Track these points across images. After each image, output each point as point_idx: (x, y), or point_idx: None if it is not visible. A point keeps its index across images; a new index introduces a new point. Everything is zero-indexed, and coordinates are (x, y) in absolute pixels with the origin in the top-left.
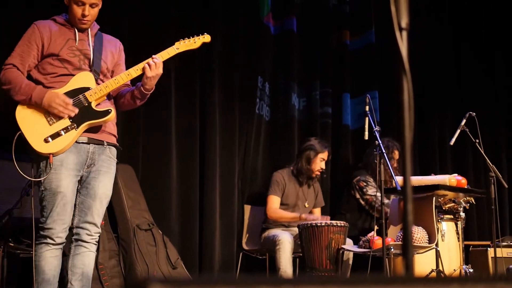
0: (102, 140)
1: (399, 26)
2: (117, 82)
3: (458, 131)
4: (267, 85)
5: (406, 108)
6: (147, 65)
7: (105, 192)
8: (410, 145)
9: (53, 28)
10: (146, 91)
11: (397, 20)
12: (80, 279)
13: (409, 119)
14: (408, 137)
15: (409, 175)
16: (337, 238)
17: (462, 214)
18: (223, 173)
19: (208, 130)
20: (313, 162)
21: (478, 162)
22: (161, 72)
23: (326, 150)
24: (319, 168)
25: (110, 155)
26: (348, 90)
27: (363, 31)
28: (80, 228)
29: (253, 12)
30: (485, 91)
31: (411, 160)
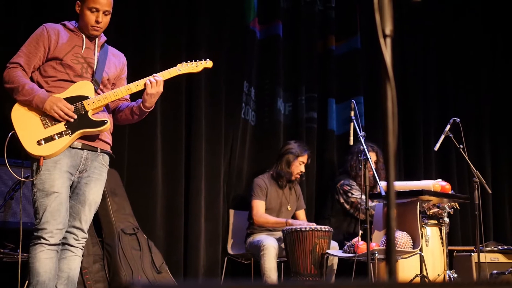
0: (96, 147)
1: (383, 33)
2: (116, 95)
3: (443, 136)
4: (253, 90)
5: (390, 114)
6: (149, 82)
7: (95, 199)
8: (394, 151)
9: (61, 33)
10: (146, 109)
11: (382, 27)
12: (65, 283)
13: (393, 125)
14: (392, 144)
15: (392, 181)
16: (321, 243)
17: (446, 219)
18: (208, 177)
19: (193, 135)
20: (293, 165)
21: (462, 168)
22: (161, 90)
23: (305, 153)
24: (299, 171)
25: (103, 162)
26: (334, 95)
27: (348, 36)
28: (68, 232)
29: (239, 17)
30: (469, 97)
31: (395, 166)
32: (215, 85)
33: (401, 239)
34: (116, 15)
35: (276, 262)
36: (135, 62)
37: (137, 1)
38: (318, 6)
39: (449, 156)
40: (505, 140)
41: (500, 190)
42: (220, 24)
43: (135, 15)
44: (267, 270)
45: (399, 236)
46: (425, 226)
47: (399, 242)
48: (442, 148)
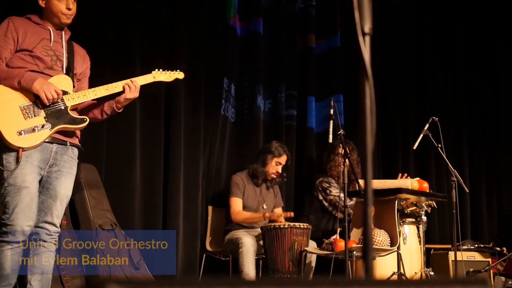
0: (66, 141)
1: (362, 31)
2: (95, 94)
3: (421, 135)
4: (233, 87)
5: (367, 113)
6: (128, 86)
7: (66, 192)
8: (371, 149)
9: (28, 25)
10: (118, 110)
11: (361, 25)
12: (39, 279)
13: (370, 124)
14: (370, 142)
15: (369, 179)
16: (300, 240)
17: (424, 217)
18: (187, 174)
19: (172, 131)
20: (268, 165)
21: (440, 167)
22: (137, 96)
23: (283, 155)
24: (274, 171)
25: (72, 156)
26: (313, 93)
27: (328, 35)
28: (40, 228)
29: (220, 14)
30: (447, 96)
31: (372, 164)
32: (195, 81)
33: (379, 237)
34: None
35: (254, 260)
36: (115, 59)
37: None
38: (298, 4)
39: (427, 154)
40: (483, 139)
41: (478, 189)
42: (200, 20)
43: (114, 13)
44: (245, 267)
45: (377, 234)
46: (403, 224)
47: (377, 240)
48: (421, 147)
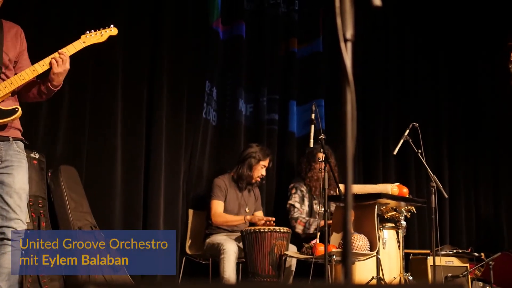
0: (8, 136)
1: (344, 37)
2: (22, 79)
3: (401, 141)
4: (215, 90)
5: (349, 118)
6: (54, 60)
7: (22, 186)
8: (352, 155)
9: None
10: (54, 88)
11: (343, 31)
12: (7, 279)
13: (352, 129)
14: (350, 147)
15: (350, 185)
16: (280, 244)
17: (403, 222)
18: (168, 176)
19: (154, 133)
20: (255, 169)
21: (420, 172)
22: (68, 68)
23: (267, 158)
24: (260, 174)
25: (18, 149)
26: (295, 98)
27: (310, 39)
28: (5, 227)
29: (202, 17)
30: (428, 102)
31: (353, 169)
32: (176, 84)
33: (359, 242)
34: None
35: (235, 266)
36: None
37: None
38: (281, 8)
39: (407, 160)
40: (463, 145)
41: (457, 195)
42: (183, 23)
43: (97, 13)
44: (226, 273)
45: (356, 239)
46: (382, 229)
47: (357, 245)
48: (401, 152)
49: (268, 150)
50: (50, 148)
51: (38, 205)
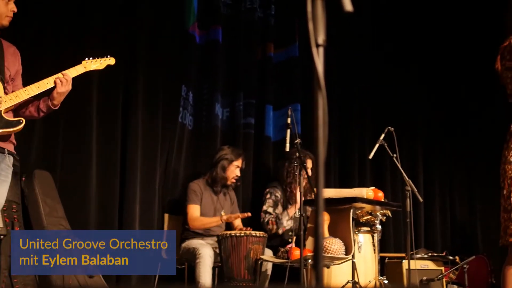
0: (4, 148)
1: (316, 42)
2: (27, 94)
3: (377, 145)
4: (191, 94)
5: (320, 123)
6: (59, 80)
7: (0, 200)
8: (323, 159)
9: None
10: (54, 106)
11: (315, 36)
12: None
13: (323, 134)
14: (322, 152)
15: (321, 189)
16: (255, 249)
17: (379, 226)
18: (143, 181)
19: (130, 137)
20: (228, 170)
21: (395, 176)
22: (70, 88)
23: (240, 158)
24: (234, 175)
25: (9, 164)
26: (271, 102)
27: (287, 44)
28: None
29: (179, 21)
30: (404, 106)
31: (324, 174)
32: (152, 88)
33: (334, 246)
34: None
35: (211, 271)
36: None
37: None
38: (258, 13)
39: (383, 164)
40: (438, 150)
41: (432, 199)
42: (159, 27)
43: (69, 16)
44: (202, 279)
45: (332, 243)
46: (358, 233)
47: (332, 249)
48: (376, 157)
49: (240, 150)
50: (25, 152)
51: (12, 210)
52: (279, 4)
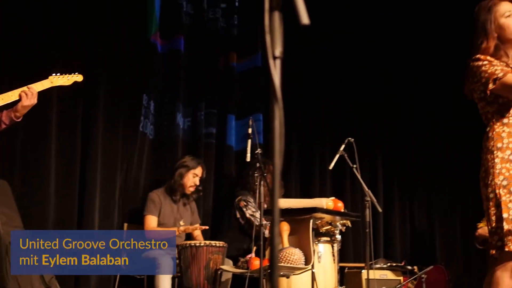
0: None
1: (273, 54)
2: None
3: (337, 156)
4: (152, 104)
5: (277, 134)
6: (24, 93)
7: None
8: (279, 170)
9: None
10: (17, 119)
11: (272, 48)
12: None
13: (279, 145)
14: (278, 163)
15: (277, 199)
16: (215, 259)
17: (338, 236)
18: (103, 190)
19: (89, 147)
20: (185, 177)
21: (355, 187)
22: (35, 102)
23: (198, 166)
24: (192, 183)
25: None
26: (233, 112)
27: (249, 54)
28: None
29: (140, 30)
30: (363, 118)
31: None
32: (113, 97)
33: (294, 256)
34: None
35: (171, 280)
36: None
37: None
38: (220, 23)
39: (343, 175)
40: (397, 161)
41: (391, 209)
42: (120, 36)
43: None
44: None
45: (292, 253)
46: (318, 243)
47: (292, 259)
48: (337, 167)
49: (199, 160)
50: None
51: None
52: (242, 14)
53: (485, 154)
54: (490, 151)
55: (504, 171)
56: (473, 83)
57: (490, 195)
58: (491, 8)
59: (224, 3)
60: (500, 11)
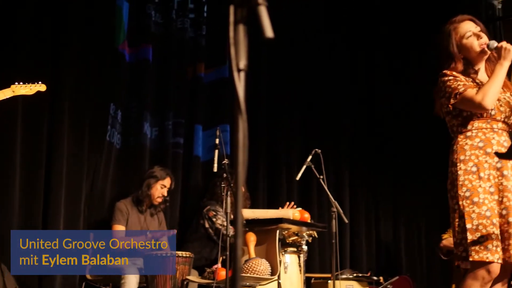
0: None
1: (238, 67)
2: None
3: (304, 167)
4: (120, 113)
5: (240, 146)
6: None
7: None
8: (243, 182)
9: None
10: None
11: (236, 61)
12: None
13: (243, 157)
14: (242, 174)
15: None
16: (182, 269)
17: (305, 247)
18: (69, 199)
19: (55, 156)
20: (153, 188)
21: (322, 198)
22: None
23: (167, 177)
24: (160, 194)
25: None
26: (201, 122)
27: (217, 65)
28: None
29: (108, 39)
30: (331, 129)
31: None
32: (80, 106)
33: (260, 266)
34: None
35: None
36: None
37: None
38: (189, 33)
39: (310, 186)
40: (363, 172)
41: (357, 220)
42: (88, 45)
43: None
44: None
45: (258, 263)
46: (284, 254)
47: (258, 269)
48: (304, 178)
49: (168, 171)
50: None
51: None
52: (210, 25)
53: (450, 167)
54: (454, 163)
55: (467, 183)
56: (440, 97)
57: (455, 207)
58: (450, 32)
59: (193, 13)
60: (460, 33)
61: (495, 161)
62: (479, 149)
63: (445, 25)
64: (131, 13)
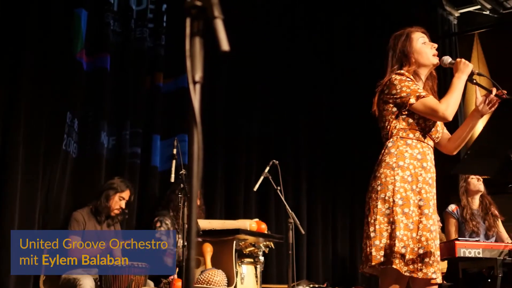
0: None
1: (193, 79)
2: None
3: (262, 177)
4: (76, 122)
5: (195, 158)
6: None
7: None
8: (197, 193)
9: None
10: None
11: (192, 73)
12: None
13: (197, 168)
14: (196, 186)
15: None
16: (137, 280)
17: (261, 258)
18: (23, 209)
19: (9, 165)
20: (112, 200)
21: (279, 208)
22: None
23: (126, 190)
24: (118, 206)
25: None
26: (159, 132)
27: (176, 75)
28: None
29: (66, 47)
30: (288, 140)
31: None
32: (36, 114)
33: (216, 277)
34: None
35: None
36: None
37: None
38: (148, 43)
39: (267, 196)
40: (320, 183)
41: (314, 231)
42: (45, 53)
43: None
44: None
45: (214, 274)
46: (241, 264)
47: (214, 280)
48: (262, 189)
49: (128, 184)
50: None
51: None
52: (169, 35)
53: (383, 168)
54: (390, 166)
55: (402, 191)
56: (389, 94)
57: (387, 211)
58: (408, 35)
59: (152, 23)
60: (417, 37)
61: (428, 176)
62: (417, 161)
63: (399, 31)
64: (89, 21)
